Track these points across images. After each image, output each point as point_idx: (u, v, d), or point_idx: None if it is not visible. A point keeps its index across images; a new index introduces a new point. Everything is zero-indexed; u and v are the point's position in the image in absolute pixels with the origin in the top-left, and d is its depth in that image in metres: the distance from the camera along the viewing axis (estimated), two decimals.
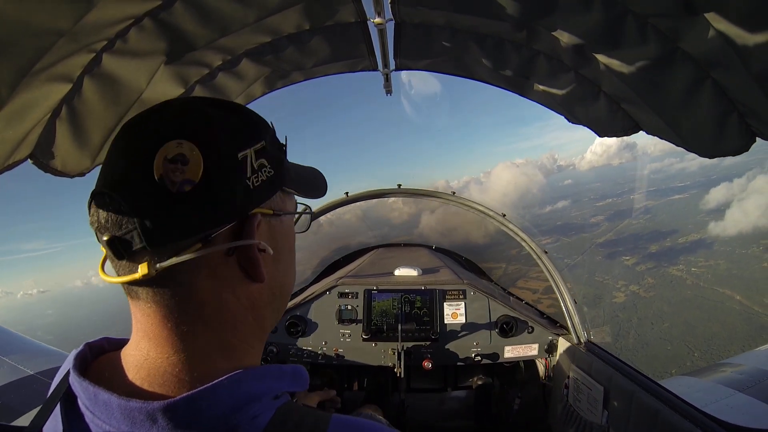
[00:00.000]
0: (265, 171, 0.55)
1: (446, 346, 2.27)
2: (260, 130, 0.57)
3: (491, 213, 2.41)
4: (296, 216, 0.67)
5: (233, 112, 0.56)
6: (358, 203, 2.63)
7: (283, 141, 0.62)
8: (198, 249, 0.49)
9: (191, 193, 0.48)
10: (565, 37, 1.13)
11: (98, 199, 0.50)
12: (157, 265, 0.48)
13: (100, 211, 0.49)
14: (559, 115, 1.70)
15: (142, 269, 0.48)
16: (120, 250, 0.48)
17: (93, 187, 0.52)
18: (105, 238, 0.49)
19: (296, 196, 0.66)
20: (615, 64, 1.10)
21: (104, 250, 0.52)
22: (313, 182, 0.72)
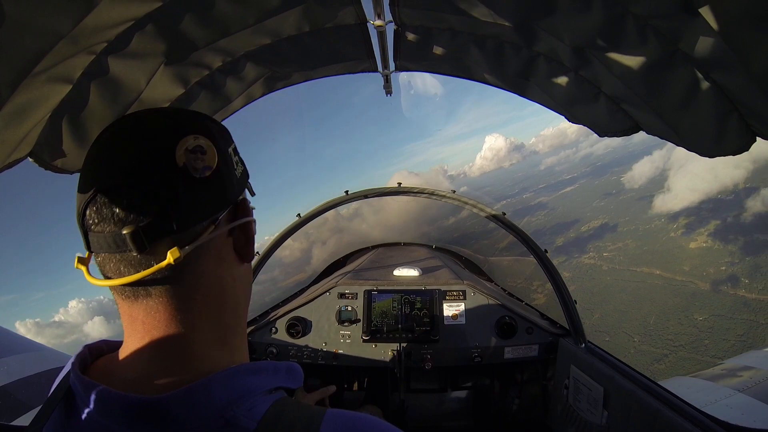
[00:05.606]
0: (240, 165, 0.64)
1: (446, 347, 2.26)
2: (229, 135, 0.65)
3: (489, 211, 2.41)
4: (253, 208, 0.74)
5: (211, 120, 0.63)
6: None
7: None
8: (211, 231, 0.54)
9: (210, 178, 0.54)
10: (564, 39, 1.13)
11: (112, 193, 0.49)
12: (186, 247, 0.50)
13: (114, 206, 0.49)
14: (437, 130, 1.68)
15: (173, 254, 0.49)
16: (143, 242, 0.49)
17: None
18: (125, 232, 0.48)
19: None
20: (615, 65, 1.10)
21: (82, 267, 0.53)
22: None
